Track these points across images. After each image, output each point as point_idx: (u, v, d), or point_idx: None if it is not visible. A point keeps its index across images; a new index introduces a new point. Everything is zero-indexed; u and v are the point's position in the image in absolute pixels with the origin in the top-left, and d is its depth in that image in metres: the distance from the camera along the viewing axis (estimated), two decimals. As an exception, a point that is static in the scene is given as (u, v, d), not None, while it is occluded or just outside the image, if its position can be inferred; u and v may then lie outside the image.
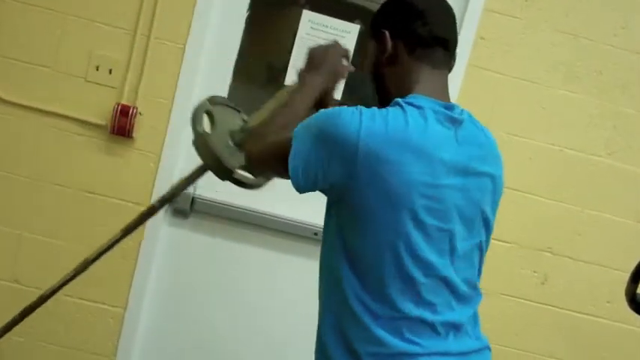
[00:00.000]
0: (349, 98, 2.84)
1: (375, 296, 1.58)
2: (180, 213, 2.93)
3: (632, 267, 2.21)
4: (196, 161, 2.89)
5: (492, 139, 1.76)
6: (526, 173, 2.94)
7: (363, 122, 1.53)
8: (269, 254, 2.99)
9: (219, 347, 3.01)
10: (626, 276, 2.19)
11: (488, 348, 1.75)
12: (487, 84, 2.91)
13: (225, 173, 1.86)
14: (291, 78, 2.91)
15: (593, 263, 3.05)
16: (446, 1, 1.76)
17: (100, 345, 2.93)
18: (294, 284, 2.99)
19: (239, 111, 2.09)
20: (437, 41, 1.68)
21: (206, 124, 1.92)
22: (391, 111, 1.57)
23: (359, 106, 1.58)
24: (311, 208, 2.87)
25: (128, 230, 2.17)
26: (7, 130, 2.82)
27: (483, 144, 1.71)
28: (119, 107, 2.77)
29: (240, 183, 1.89)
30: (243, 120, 2.05)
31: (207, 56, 2.87)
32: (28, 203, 2.85)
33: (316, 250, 2.94)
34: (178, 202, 2.89)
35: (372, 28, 1.77)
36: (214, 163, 1.86)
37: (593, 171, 2.99)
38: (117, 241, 2.16)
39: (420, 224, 1.55)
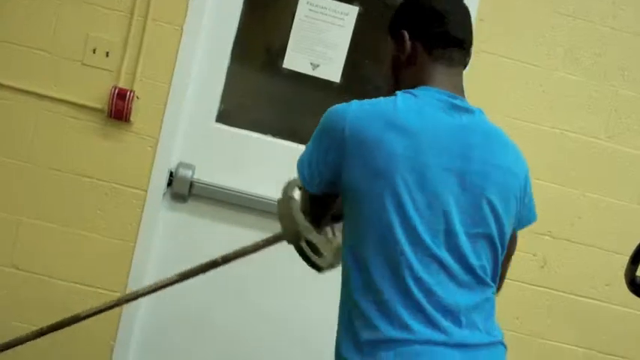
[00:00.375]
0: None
1: (368, 278, 1.60)
2: (179, 197, 2.92)
3: (631, 250, 2.21)
4: (194, 146, 2.90)
5: (510, 141, 1.77)
6: (525, 156, 2.91)
7: (351, 107, 1.63)
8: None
9: (218, 332, 3.00)
10: (625, 259, 2.19)
11: (502, 343, 1.72)
12: (486, 66, 2.89)
13: (293, 238, 1.93)
14: (289, 61, 2.90)
15: (593, 246, 3.04)
16: (463, 2, 1.80)
17: (99, 330, 2.92)
18: (293, 268, 2.98)
19: None
20: (454, 42, 1.73)
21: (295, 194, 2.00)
22: (382, 98, 1.64)
23: (353, 101, 1.66)
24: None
25: (185, 276, 2.28)
26: (4, 114, 2.80)
27: (493, 137, 1.72)
28: (116, 91, 2.75)
29: (303, 254, 1.95)
30: None
31: (205, 38, 2.86)
32: (26, 188, 2.84)
33: (315, 234, 2.96)
34: (177, 186, 2.88)
35: (391, 27, 1.82)
36: (289, 226, 1.94)
37: (592, 154, 2.98)
38: (166, 285, 2.28)
39: (407, 200, 1.57)
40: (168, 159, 2.85)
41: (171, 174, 2.88)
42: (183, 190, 2.89)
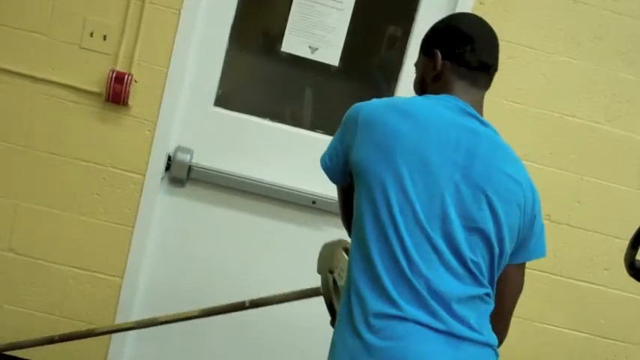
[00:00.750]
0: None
1: (366, 253, 1.66)
2: (177, 181, 2.91)
3: (630, 234, 2.21)
4: (192, 130, 2.89)
5: (518, 158, 1.79)
6: (525, 140, 2.92)
7: (370, 102, 1.77)
8: (266, 222, 2.98)
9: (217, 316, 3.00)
10: (624, 243, 2.19)
11: (494, 349, 1.73)
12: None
13: (326, 269, 2.06)
14: (287, 45, 2.88)
15: (592, 231, 3.04)
16: (491, 28, 1.90)
17: (97, 314, 2.92)
18: (291, 252, 2.98)
19: None
20: (481, 66, 1.83)
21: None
22: (399, 97, 1.75)
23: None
24: (309, 177, 2.87)
25: (208, 313, 2.35)
26: (1, 97, 2.79)
27: (500, 148, 1.75)
28: (114, 74, 2.73)
29: (328, 297, 2.05)
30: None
31: (203, 22, 2.84)
32: (23, 172, 2.83)
33: (313, 219, 2.97)
34: (175, 170, 2.87)
35: (425, 45, 1.90)
36: (325, 255, 2.09)
37: (592, 138, 2.97)
38: (189, 318, 2.37)
39: (407, 180, 1.63)
40: (166, 143, 2.84)
41: (169, 158, 2.87)
42: (181, 174, 2.88)
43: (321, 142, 1.84)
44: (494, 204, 1.66)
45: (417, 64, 1.93)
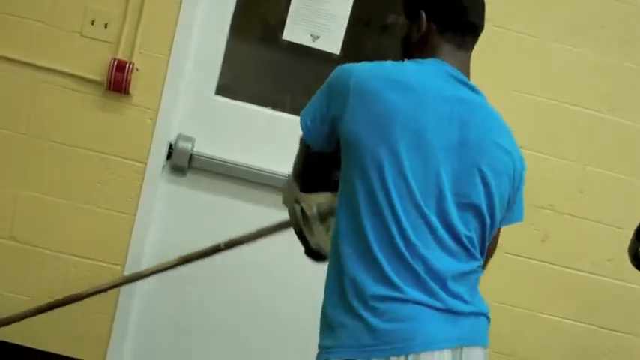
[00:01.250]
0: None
1: (359, 230, 1.63)
2: (179, 170, 2.91)
3: (633, 224, 2.20)
4: (193, 119, 2.89)
5: (507, 127, 1.79)
6: (526, 129, 2.91)
7: (359, 65, 1.71)
8: (268, 212, 2.97)
9: (217, 305, 3.01)
10: (627, 233, 2.19)
11: (486, 316, 1.75)
12: (486, 38, 2.83)
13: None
14: (288, 33, 2.88)
15: (594, 221, 3.03)
16: None
17: (99, 303, 2.92)
18: (291, 240, 2.97)
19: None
20: (469, 27, 1.79)
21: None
22: (390, 62, 1.72)
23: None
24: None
25: (186, 260, 2.35)
26: (1, 85, 2.79)
27: (491, 117, 1.75)
28: (115, 63, 2.73)
29: (302, 237, 2.01)
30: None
31: (204, 11, 2.83)
32: (24, 160, 2.83)
33: (315, 207, 2.96)
34: (176, 158, 2.87)
35: (408, 7, 1.84)
36: (292, 213, 2.01)
37: (594, 127, 2.96)
38: (167, 268, 2.38)
39: (403, 157, 1.60)
40: (167, 131, 2.84)
41: (170, 146, 2.87)
42: (182, 162, 2.88)
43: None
44: (488, 178, 1.67)
45: (400, 27, 1.88)
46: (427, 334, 1.59)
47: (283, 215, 2.95)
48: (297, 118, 2.85)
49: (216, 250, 2.31)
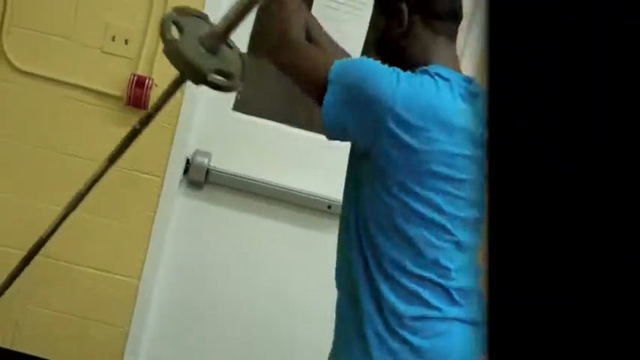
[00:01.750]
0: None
1: (393, 259, 1.62)
2: (195, 184, 2.94)
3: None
4: (210, 134, 2.92)
5: None
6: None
7: (400, 85, 1.55)
8: (283, 227, 3.00)
9: (234, 318, 3.03)
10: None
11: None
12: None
13: (199, 77, 1.78)
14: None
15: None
16: None
17: (114, 316, 2.95)
18: (306, 256, 3.00)
19: (205, 18, 2.02)
20: (452, 15, 1.70)
21: (176, 34, 1.88)
22: (425, 79, 1.58)
23: (396, 69, 1.59)
24: (325, 181, 2.88)
25: (114, 158, 2.12)
26: (23, 100, 2.83)
27: None
28: (135, 78, 2.77)
29: (215, 86, 1.81)
30: (212, 25, 1.99)
31: (223, 28, 2.87)
32: (43, 174, 2.87)
33: (329, 223, 2.98)
34: (193, 173, 2.90)
35: (383, 2, 1.77)
36: (187, 69, 1.78)
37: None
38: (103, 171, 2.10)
39: (436, 190, 1.59)
40: (185, 146, 2.87)
41: (187, 161, 2.90)
42: (199, 177, 2.91)
43: (337, 148, 1.81)
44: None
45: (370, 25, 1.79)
46: (459, 346, 1.63)
47: (297, 231, 2.99)
48: (312, 135, 2.92)
49: (135, 133, 2.11)
